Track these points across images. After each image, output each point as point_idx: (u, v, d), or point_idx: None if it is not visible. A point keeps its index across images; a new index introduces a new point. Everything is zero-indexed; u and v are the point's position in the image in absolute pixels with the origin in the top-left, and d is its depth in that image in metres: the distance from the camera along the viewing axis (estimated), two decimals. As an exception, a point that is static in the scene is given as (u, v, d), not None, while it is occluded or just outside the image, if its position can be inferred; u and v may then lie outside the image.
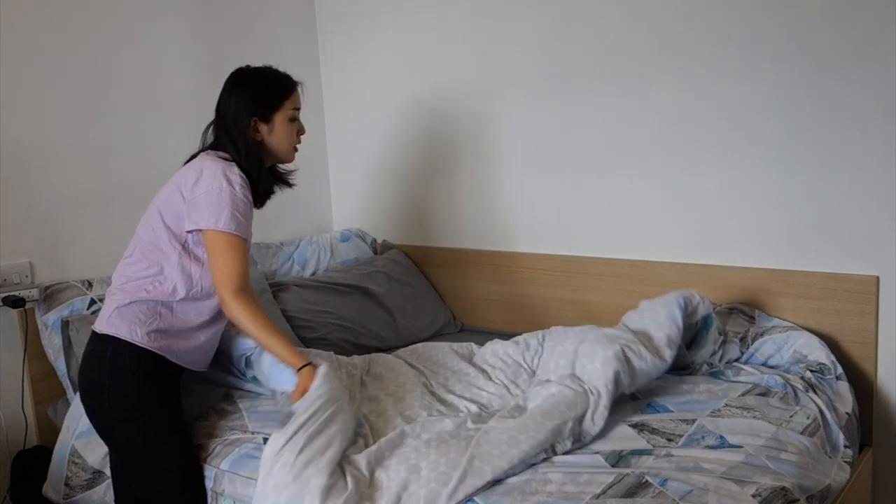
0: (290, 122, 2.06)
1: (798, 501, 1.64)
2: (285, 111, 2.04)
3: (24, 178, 2.42)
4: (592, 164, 2.68)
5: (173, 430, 1.96)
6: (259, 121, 2.02)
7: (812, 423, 1.94)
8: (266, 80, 2.05)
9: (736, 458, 1.73)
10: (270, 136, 2.04)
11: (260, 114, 2.02)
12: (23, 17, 2.41)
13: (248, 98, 2.01)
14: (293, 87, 2.07)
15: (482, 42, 2.85)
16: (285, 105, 2.04)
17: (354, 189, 3.30)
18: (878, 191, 2.21)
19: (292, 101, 2.06)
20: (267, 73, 2.08)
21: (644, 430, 1.88)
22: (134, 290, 1.96)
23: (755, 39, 2.32)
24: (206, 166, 1.95)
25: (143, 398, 1.92)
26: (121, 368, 1.92)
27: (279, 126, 2.04)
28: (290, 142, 2.07)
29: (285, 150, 2.07)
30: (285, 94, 2.05)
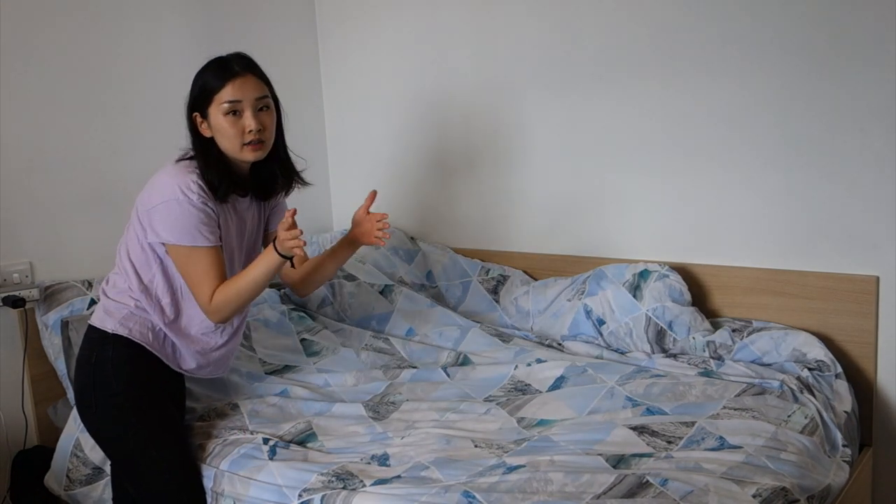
0: (227, 115, 1.88)
1: (798, 501, 1.64)
2: (217, 105, 1.88)
3: (24, 178, 2.42)
4: (591, 163, 2.68)
5: (166, 431, 1.94)
6: (200, 117, 1.92)
7: (810, 422, 1.94)
8: (202, 72, 1.93)
9: (736, 459, 1.73)
10: (214, 132, 1.91)
11: (199, 109, 1.92)
12: (23, 17, 2.41)
13: (189, 94, 1.93)
14: (225, 77, 1.88)
15: (483, 41, 2.85)
16: (215, 98, 1.88)
17: (354, 189, 3.30)
18: (878, 191, 2.21)
19: (225, 93, 1.87)
20: (207, 64, 1.94)
21: (644, 433, 1.88)
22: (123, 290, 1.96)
23: (755, 39, 2.32)
24: (164, 174, 1.89)
25: (130, 400, 1.91)
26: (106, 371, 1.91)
27: (214, 121, 1.90)
28: (231, 136, 1.89)
29: (229, 146, 1.91)
30: (215, 86, 1.89)
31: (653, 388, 2.11)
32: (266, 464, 1.86)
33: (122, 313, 1.94)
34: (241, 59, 1.93)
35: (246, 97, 1.89)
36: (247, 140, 1.90)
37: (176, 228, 1.84)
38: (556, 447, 1.86)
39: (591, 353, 2.43)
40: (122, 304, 1.95)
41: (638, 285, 2.46)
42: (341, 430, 2.04)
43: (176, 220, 1.83)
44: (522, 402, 2.14)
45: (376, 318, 2.71)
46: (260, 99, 1.91)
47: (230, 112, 1.88)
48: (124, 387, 1.92)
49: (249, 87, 1.90)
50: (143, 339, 1.94)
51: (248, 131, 1.89)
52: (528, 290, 2.74)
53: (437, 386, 2.28)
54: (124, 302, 1.95)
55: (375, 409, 2.15)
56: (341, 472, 1.80)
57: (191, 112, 1.93)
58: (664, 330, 2.39)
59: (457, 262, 2.92)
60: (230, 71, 1.89)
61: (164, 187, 1.86)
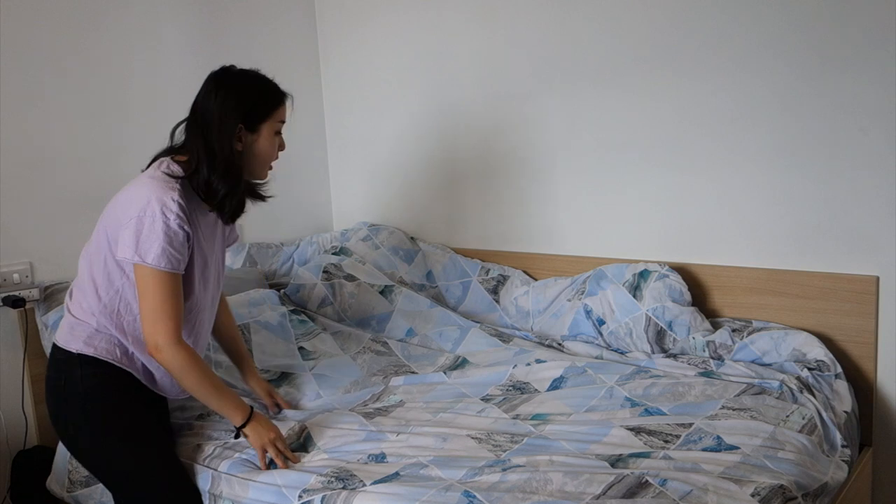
0: (276, 135, 1.90)
1: (796, 499, 1.65)
2: (273, 122, 1.88)
3: (24, 178, 2.42)
4: (591, 163, 2.68)
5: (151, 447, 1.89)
6: (245, 129, 1.85)
7: (809, 422, 1.94)
8: (257, 85, 1.88)
9: (734, 459, 1.74)
10: (252, 147, 1.86)
11: (248, 122, 1.84)
12: (23, 16, 2.41)
13: (237, 102, 1.83)
14: (284, 97, 1.91)
15: (483, 41, 2.85)
16: (274, 115, 1.88)
17: (354, 189, 3.30)
18: (878, 191, 2.21)
19: (281, 113, 1.90)
20: (258, 77, 1.91)
21: (641, 433, 1.88)
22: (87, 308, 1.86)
23: (755, 39, 2.32)
24: (143, 187, 1.78)
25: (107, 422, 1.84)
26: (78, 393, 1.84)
27: (264, 138, 1.87)
28: (270, 157, 1.91)
29: (263, 164, 1.90)
30: (276, 103, 1.88)
31: (652, 389, 2.11)
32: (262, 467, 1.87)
33: (87, 332, 1.85)
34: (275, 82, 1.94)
35: (286, 120, 1.93)
36: (275, 159, 1.93)
37: (143, 245, 1.73)
38: (553, 446, 1.86)
39: (591, 353, 2.43)
40: (84, 323, 1.86)
41: (638, 285, 2.46)
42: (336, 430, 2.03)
43: (146, 237, 1.74)
44: (519, 401, 2.15)
45: (376, 318, 2.71)
46: None
47: (278, 132, 1.90)
48: (99, 408, 1.85)
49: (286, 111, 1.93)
50: (112, 357, 1.85)
51: (280, 152, 1.93)
52: (528, 290, 2.74)
53: (434, 387, 2.28)
54: (86, 320, 1.86)
55: (368, 412, 2.15)
56: (340, 472, 1.80)
57: (238, 122, 1.83)
58: (664, 330, 2.39)
59: (457, 262, 2.92)
60: (282, 92, 1.91)
61: (144, 201, 1.75)
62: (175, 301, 1.77)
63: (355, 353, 2.50)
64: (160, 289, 1.75)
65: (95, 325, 1.86)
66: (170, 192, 1.76)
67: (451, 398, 2.20)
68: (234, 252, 2.88)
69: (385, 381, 2.33)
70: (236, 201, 1.87)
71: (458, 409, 2.12)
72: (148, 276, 1.75)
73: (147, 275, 1.75)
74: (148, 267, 1.74)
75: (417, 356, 2.52)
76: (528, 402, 2.14)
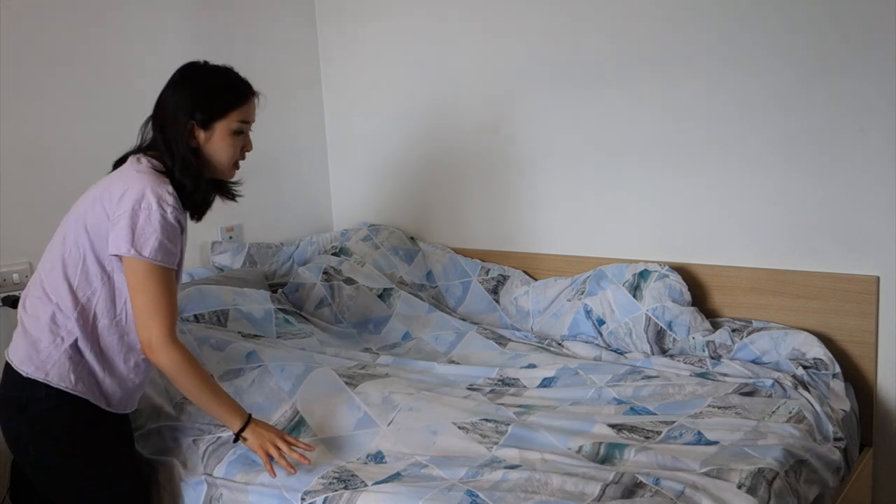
0: (234, 134, 1.81)
1: (777, 476, 1.66)
2: (230, 121, 1.80)
3: (24, 178, 2.42)
4: (591, 163, 2.68)
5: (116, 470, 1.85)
6: (197, 125, 1.79)
7: (796, 414, 1.95)
8: (217, 81, 1.82)
9: (710, 451, 1.76)
10: (207, 145, 1.80)
11: (199, 118, 1.78)
12: (23, 16, 2.41)
13: (190, 96, 1.78)
14: (247, 96, 1.83)
15: (482, 41, 2.85)
16: (232, 114, 1.80)
17: (354, 189, 3.30)
18: (878, 191, 2.21)
19: (241, 112, 1.81)
20: (221, 73, 1.84)
21: (622, 430, 1.90)
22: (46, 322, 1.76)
23: (755, 40, 2.32)
24: (134, 181, 1.73)
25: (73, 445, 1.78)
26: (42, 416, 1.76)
27: (219, 136, 1.80)
28: (230, 157, 1.83)
29: (222, 164, 1.83)
30: (235, 101, 1.80)
31: (642, 390, 2.12)
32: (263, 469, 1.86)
33: (42, 355, 1.75)
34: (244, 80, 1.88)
35: (252, 120, 1.87)
36: (239, 159, 1.86)
37: (140, 239, 1.68)
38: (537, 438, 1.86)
39: (591, 353, 2.44)
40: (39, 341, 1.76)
41: (638, 285, 2.46)
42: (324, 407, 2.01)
43: (143, 230, 1.69)
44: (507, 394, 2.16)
45: (373, 321, 2.70)
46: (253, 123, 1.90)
47: (238, 131, 1.83)
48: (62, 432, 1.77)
49: (254, 111, 1.87)
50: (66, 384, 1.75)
51: (245, 152, 1.87)
52: (528, 290, 2.74)
53: (422, 372, 2.29)
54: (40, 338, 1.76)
55: (350, 376, 2.13)
56: (341, 472, 1.80)
57: (188, 117, 1.78)
58: (664, 330, 2.39)
59: (457, 262, 2.92)
60: (248, 89, 1.84)
61: (135, 193, 1.70)
62: (170, 298, 1.72)
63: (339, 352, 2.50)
64: (155, 284, 1.70)
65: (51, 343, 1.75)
66: (164, 185, 1.74)
67: (437, 382, 2.21)
68: (233, 252, 2.88)
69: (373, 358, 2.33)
70: (200, 198, 1.82)
71: (444, 391, 2.12)
72: (142, 270, 1.70)
73: (141, 269, 1.70)
74: (143, 261, 1.69)
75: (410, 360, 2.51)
76: (515, 395, 2.15)
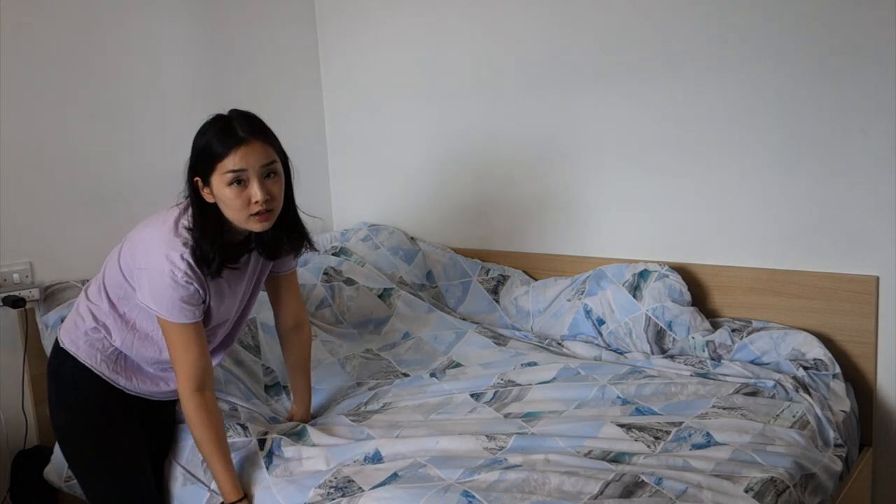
0: (231, 185, 1.72)
1: (787, 489, 1.66)
2: (220, 174, 1.72)
3: (24, 178, 2.42)
4: (592, 163, 2.68)
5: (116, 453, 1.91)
6: (202, 182, 1.77)
7: (800, 418, 1.95)
8: (207, 135, 1.75)
9: (723, 456, 1.75)
10: (217, 200, 1.76)
11: (200, 174, 1.77)
12: (23, 16, 2.41)
13: (194, 151, 1.78)
14: (229, 144, 1.72)
15: (482, 41, 2.85)
16: (218, 167, 1.72)
17: (354, 189, 3.30)
18: (878, 191, 2.21)
19: (229, 162, 1.71)
20: (214, 125, 1.76)
21: (632, 430, 1.89)
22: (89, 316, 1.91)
23: (755, 39, 2.32)
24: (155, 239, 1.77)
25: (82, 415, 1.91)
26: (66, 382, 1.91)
27: (217, 190, 1.74)
28: (235, 208, 1.74)
29: (235, 217, 1.76)
30: (218, 153, 1.72)
31: (644, 389, 2.11)
32: (263, 477, 1.85)
33: (80, 330, 1.91)
34: (245, 122, 1.76)
35: (251, 166, 1.72)
36: (253, 211, 1.74)
37: (157, 299, 1.76)
38: (546, 443, 1.86)
39: (591, 353, 2.43)
40: (81, 320, 1.92)
41: (638, 285, 2.46)
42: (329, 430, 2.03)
43: (158, 292, 1.75)
44: (510, 398, 2.15)
45: (374, 321, 2.70)
46: (267, 165, 1.75)
47: (234, 182, 1.72)
48: (76, 401, 1.91)
49: (255, 155, 1.73)
50: (92, 362, 1.90)
51: (255, 202, 1.73)
52: (528, 290, 2.74)
53: (423, 389, 2.27)
54: (84, 318, 1.91)
55: (358, 415, 2.14)
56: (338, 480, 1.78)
57: (191, 176, 1.78)
58: (664, 330, 2.39)
59: (457, 262, 2.92)
60: (234, 137, 1.72)
61: (153, 254, 1.75)
62: (195, 351, 1.79)
63: (344, 359, 2.49)
64: (177, 341, 1.79)
65: (91, 326, 1.90)
66: (179, 250, 1.74)
67: (442, 397, 2.20)
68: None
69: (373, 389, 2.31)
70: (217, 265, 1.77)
71: (449, 409, 2.11)
72: (166, 325, 1.79)
73: (165, 325, 1.79)
74: (164, 319, 1.78)
75: (409, 361, 2.51)
76: (518, 399, 2.14)
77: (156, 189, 2.69)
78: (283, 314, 2.12)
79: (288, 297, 2.10)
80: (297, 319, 2.13)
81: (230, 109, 1.81)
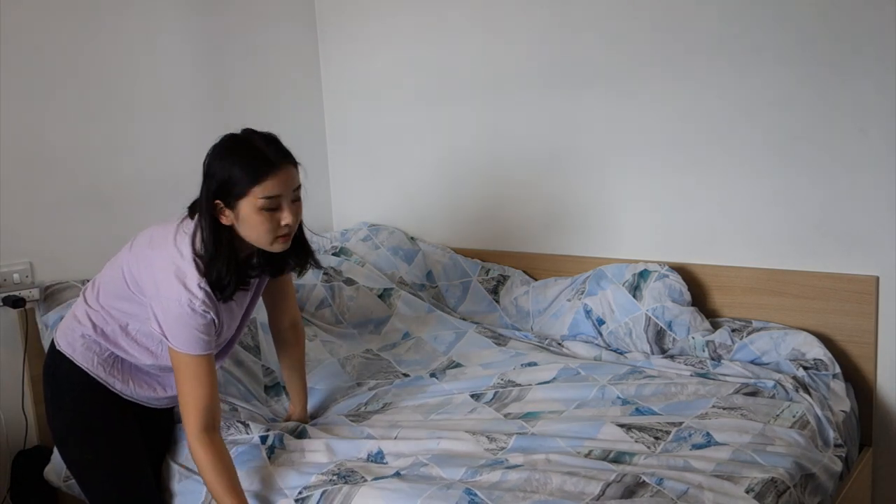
0: (263, 211, 1.70)
1: (788, 489, 1.66)
2: (253, 199, 1.69)
3: (24, 177, 2.42)
4: (592, 163, 2.68)
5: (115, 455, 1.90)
6: (223, 205, 1.72)
7: (800, 418, 1.95)
8: (241, 157, 1.70)
9: (723, 456, 1.75)
10: (239, 224, 1.73)
11: (223, 197, 1.71)
12: (23, 16, 2.41)
13: (217, 174, 1.70)
14: (267, 171, 1.69)
15: (482, 41, 2.85)
16: (253, 192, 1.68)
17: (354, 189, 3.30)
18: (878, 191, 2.21)
19: (265, 188, 1.68)
20: (243, 148, 1.72)
21: (632, 430, 1.89)
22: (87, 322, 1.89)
23: (755, 39, 2.32)
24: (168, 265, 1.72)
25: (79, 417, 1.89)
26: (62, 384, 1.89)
27: (245, 216, 1.71)
28: (261, 233, 1.72)
29: (258, 240, 1.74)
30: (254, 178, 1.68)
31: (644, 389, 2.11)
32: (265, 465, 1.85)
33: (76, 333, 1.89)
34: (272, 145, 1.73)
35: (285, 192, 1.72)
36: (281, 233, 1.74)
37: (171, 329, 1.72)
38: (547, 444, 1.86)
39: (591, 353, 2.44)
40: (77, 324, 1.90)
41: (638, 285, 2.46)
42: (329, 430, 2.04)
43: (172, 322, 1.71)
44: (510, 398, 2.15)
45: (374, 321, 2.70)
46: (296, 190, 1.75)
47: (267, 208, 1.71)
48: (72, 403, 1.89)
49: (289, 180, 1.72)
50: (88, 365, 1.88)
51: (284, 225, 1.73)
52: (528, 290, 2.74)
53: (423, 389, 2.27)
54: (82, 322, 1.89)
55: (357, 415, 2.14)
56: (341, 468, 1.80)
57: (212, 199, 1.71)
58: (664, 330, 2.39)
59: (457, 262, 2.92)
60: (269, 163, 1.69)
61: (167, 283, 1.71)
62: (206, 386, 1.73)
63: (344, 359, 2.49)
64: (191, 375, 1.73)
65: (88, 331, 1.88)
66: (196, 279, 1.71)
67: (442, 397, 2.20)
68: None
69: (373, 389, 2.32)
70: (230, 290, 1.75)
71: (449, 409, 2.11)
72: (179, 359, 1.74)
73: (178, 358, 1.74)
74: (176, 351, 1.73)
75: (409, 361, 2.51)
76: (518, 399, 2.14)
77: (156, 189, 2.69)
78: (278, 316, 2.12)
79: (283, 299, 2.10)
80: (292, 320, 2.14)
81: (244, 129, 1.77)
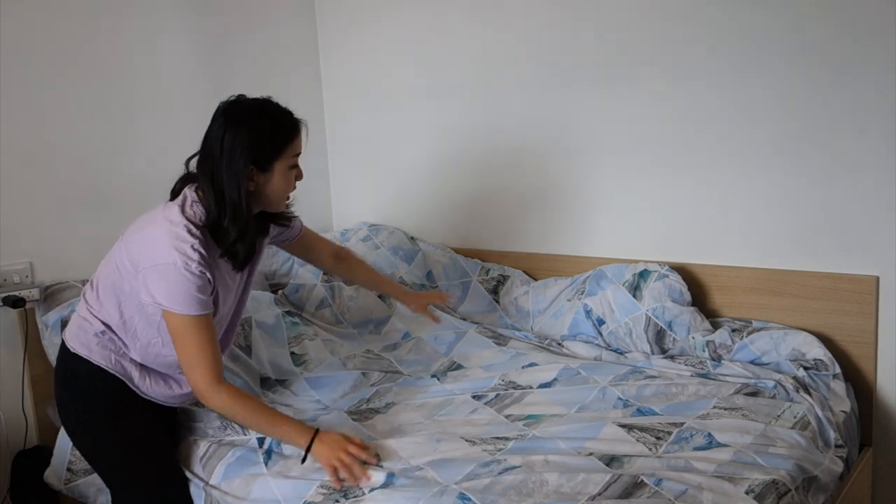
0: (290, 169, 1.80)
1: (789, 492, 1.66)
2: (286, 159, 1.78)
3: (23, 177, 2.42)
4: (591, 163, 2.68)
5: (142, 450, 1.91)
6: (257, 170, 1.76)
7: (801, 419, 1.95)
8: (268, 121, 1.76)
9: (725, 457, 1.75)
10: (266, 186, 1.78)
11: (259, 162, 1.75)
12: (23, 15, 2.41)
13: (247, 142, 1.72)
14: (297, 130, 1.79)
15: (481, 40, 2.85)
16: (287, 151, 1.77)
17: (354, 189, 3.30)
18: (878, 191, 2.21)
19: (294, 147, 1.79)
20: (268, 111, 1.78)
21: (633, 430, 1.89)
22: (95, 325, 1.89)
23: (755, 40, 2.32)
24: (162, 236, 1.73)
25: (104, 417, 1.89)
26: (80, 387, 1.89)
27: (278, 176, 1.78)
28: (285, 192, 1.83)
29: (279, 200, 1.84)
30: (288, 138, 1.77)
31: (645, 389, 2.11)
32: (261, 473, 1.84)
33: (89, 334, 1.88)
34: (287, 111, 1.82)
35: (302, 150, 1.83)
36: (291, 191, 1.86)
37: (171, 294, 1.71)
38: (547, 445, 1.85)
39: (591, 353, 2.43)
40: (87, 324, 1.89)
41: (638, 285, 2.46)
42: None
43: (171, 286, 1.71)
44: (511, 400, 2.15)
45: (374, 321, 2.70)
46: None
47: (293, 166, 1.81)
48: (95, 404, 1.89)
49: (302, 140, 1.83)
50: (107, 363, 1.87)
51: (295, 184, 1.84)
52: (528, 290, 2.74)
53: (425, 389, 2.27)
54: (91, 321, 1.89)
55: (359, 413, 2.14)
56: None
57: (248, 163, 1.73)
58: (664, 330, 2.39)
59: (457, 262, 2.92)
60: (295, 122, 1.80)
61: (161, 250, 1.72)
62: (208, 346, 1.75)
63: (345, 358, 2.49)
64: (194, 335, 1.74)
65: (99, 329, 1.88)
66: (189, 241, 1.72)
67: (443, 398, 2.20)
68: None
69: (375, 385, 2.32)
70: (246, 247, 1.79)
71: (450, 410, 2.11)
72: (180, 323, 1.74)
73: (179, 322, 1.74)
74: (177, 314, 1.73)
75: (410, 361, 2.51)
76: (519, 401, 2.14)
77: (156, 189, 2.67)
78: (320, 258, 2.25)
79: (313, 246, 2.22)
80: (333, 252, 2.25)
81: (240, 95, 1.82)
